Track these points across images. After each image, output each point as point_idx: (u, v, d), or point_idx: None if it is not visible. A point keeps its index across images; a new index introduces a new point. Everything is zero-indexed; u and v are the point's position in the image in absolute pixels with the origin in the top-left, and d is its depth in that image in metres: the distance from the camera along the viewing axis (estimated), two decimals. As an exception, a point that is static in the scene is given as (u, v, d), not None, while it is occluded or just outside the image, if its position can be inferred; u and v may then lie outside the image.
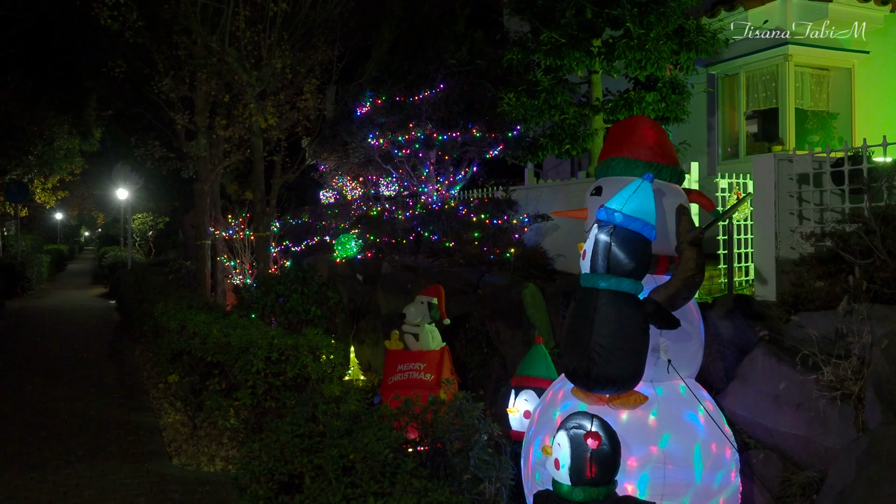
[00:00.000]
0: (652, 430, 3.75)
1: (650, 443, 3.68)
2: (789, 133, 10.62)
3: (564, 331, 3.87)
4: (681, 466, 3.68)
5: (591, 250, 3.75)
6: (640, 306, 3.68)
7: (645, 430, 3.74)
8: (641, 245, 3.72)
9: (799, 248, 5.58)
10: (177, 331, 7.41)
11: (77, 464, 6.28)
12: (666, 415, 3.81)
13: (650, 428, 3.75)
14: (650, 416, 3.78)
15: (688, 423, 3.81)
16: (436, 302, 7.07)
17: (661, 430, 3.75)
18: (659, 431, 3.75)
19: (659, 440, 3.72)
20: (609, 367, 3.60)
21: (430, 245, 10.80)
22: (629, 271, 3.67)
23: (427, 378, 6.80)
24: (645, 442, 3.70)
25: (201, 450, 6.67)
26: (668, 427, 3.81)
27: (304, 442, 3.34)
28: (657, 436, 3.73)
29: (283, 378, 6.17)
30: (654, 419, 3.77)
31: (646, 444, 3.68)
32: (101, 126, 22.94)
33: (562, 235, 8.60)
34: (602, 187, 4.22)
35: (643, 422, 3.76)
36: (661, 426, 3.76)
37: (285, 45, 10.97)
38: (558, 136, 9.12)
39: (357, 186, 16.50)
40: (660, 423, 3.77)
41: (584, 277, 3.77)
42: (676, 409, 3.88)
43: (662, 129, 4.32)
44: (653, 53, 8.25)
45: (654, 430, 3.75)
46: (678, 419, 3.84)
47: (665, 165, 4.14)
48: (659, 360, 3.90)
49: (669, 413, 3.85)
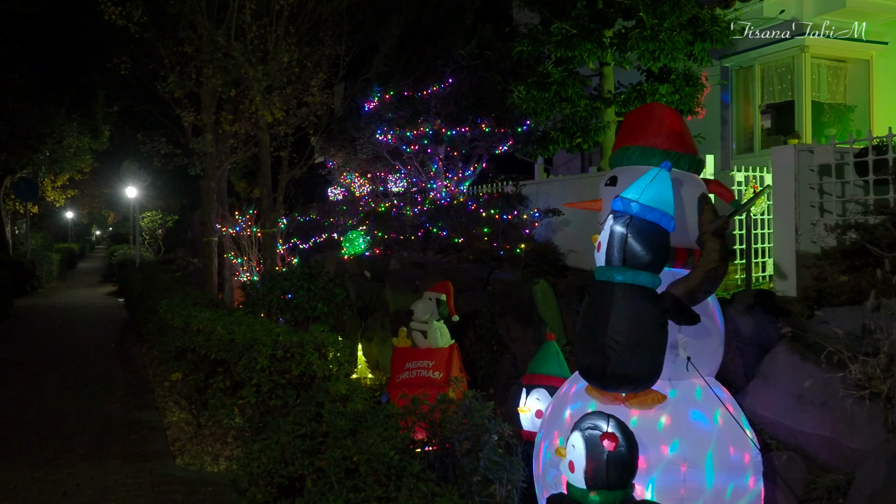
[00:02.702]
0: (663, 432, 3.57)
1: (660, 443, 3.51)
2: (806, 126, 10.38)
3: (578, 327, 3.70)
4: (692, 469, 3.50)
5: (606, 242, 3.58)
6: (658, 301, 3.51)
7: (656, 432, 3.57)
8: (659, 236, 3.54)
9: (820, 242, 5.39)
10: (181, 328, 7.27)
11: (79, 463, 6.16)
12: (679, 417, 3.63)
13: (662, 429, 3.58)
14: (662, 417, 3.61)
15: (702, 426, 3.62)
16: (444, 298, 6.90)
17: (672, 431, 3.58)
18: (671, 433, 3.57)
19: (670, 442, 3.55)
20: (625, 364, 3.43)
21: (438, 241, 10.64)
22: (646, 264, 3.49)
23: (436, 376, 6.64)
24: (655, 443, 3.53)
25: (205, 449, 6.53)
26: (681, 428, 3.64)
27: (306, 443, 3.18)
28: (668, 438, 3.56)
29: (288, 376, 6.01)
30: (665, 420, 3.60)
31: (656, 446, 3.50)
32: (109, 123, 22.91)
33: (573, 231, 8.41)
34: (617, 177, 4.05)
35: (655, 423, 3.59)
36: (672, 428, 3.59)
37: (292, 39, 10.82)
38: (569, 129, 8.93)
39: (365, 183, 16.37)
40: (672, 424, 3.60)
41: (598, 271, 3.60)
42: (690, 411, 3.71)
43: (680, 117, 4.14)
44: (667, 44, 8.05)
45: (666, 431, 3.57)
46: (691, 421, 3.66)
47: (683, 154, 3.97)
48: (678, 357, 3.73)
49: (682, 414, 3.68)
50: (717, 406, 3.75)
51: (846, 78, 11.00)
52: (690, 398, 3.75)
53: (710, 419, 3.72)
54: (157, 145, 13.04)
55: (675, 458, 3.50)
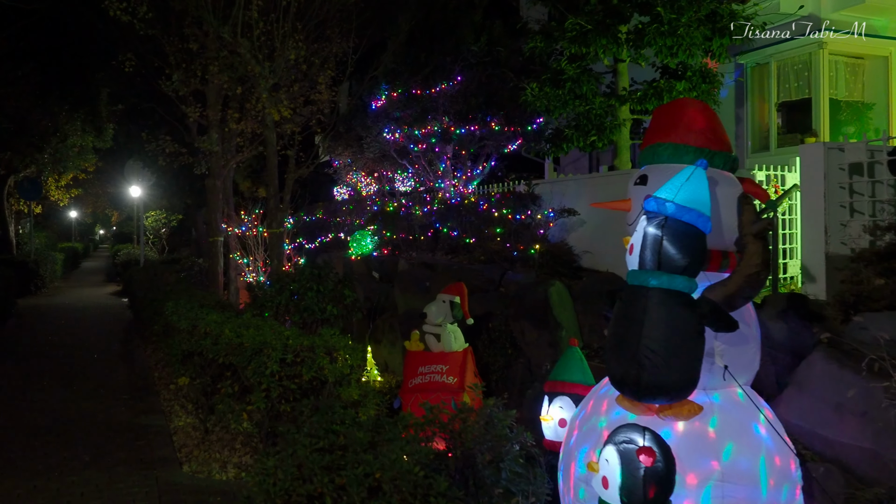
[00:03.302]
0: (712, 443, 3.37)
1: (711, 457, 3.31)
2: (823, 124, 10.18)
3: (610, 334, 3.51)
4: (745, 481, 3.30)
5: (639, 245, 3.38)
6: (694, 307, 3.31)
7: (705, 443, 3.37)
8: (696, 238, 3.34)
9: (851, 243, 5.20)
10: (187, 331, 7.10)
11: (83, 470, 5.98)
12: (727, 425, 3.43)
13: (710, 440, 3.38)
14: (709, 427, 3.41)
15: (752, 434, 3.43)
16: (458, 301, 6.71)
17: (722, 441, 3.38)
18: (720, 443, 3.37)
19: (721, 453, 3.35)
20: (661, 373, 3.23)
21: (448, 241, 10.45)
22: (683, 268, 3.30)
23: (450, 381, 6.45)
24: (705, 456, 3.33)
25: (213, 455, 6.35)
26: (731, 438, 3.43)
27: (325, 458, 3.00)
28: (718, 448, 3.36)
29: (298, 381, 5.83)
30: (713, 430, 3.40)
31: (706, 459, 3.30)
32: (113, 122, 22.76)
33: (588, 231, 8.22)
34: (647, 176, 3.85)
35: (702, 433, 3.39)
36: (722, 437, 3.39)
37: (299, 36, 10.63)
38: (584, 127, 8.73)
39: (372, 182, 16.19)
40: (720, 433, 3.40)
41: (631, 275, 3.40)
42: (738, 418, 3.50)
43: (713, 112, 3.93)
44: (685, 39, 7.85)
45: (715, 442, 3.37)
46: (741, 429, 3.45)
47: (717, 151, 3.75)
48: (714, 365, 3.53)
49: (730, 422, 3.47)
50: (759, 415, 3.55)
51: (864, 75, 10.79)
52: (736, 403, 3.55)
53: (758, 423, 3.52)
54: (162, 144, 12.85)
55: (728, 466, 3.30)
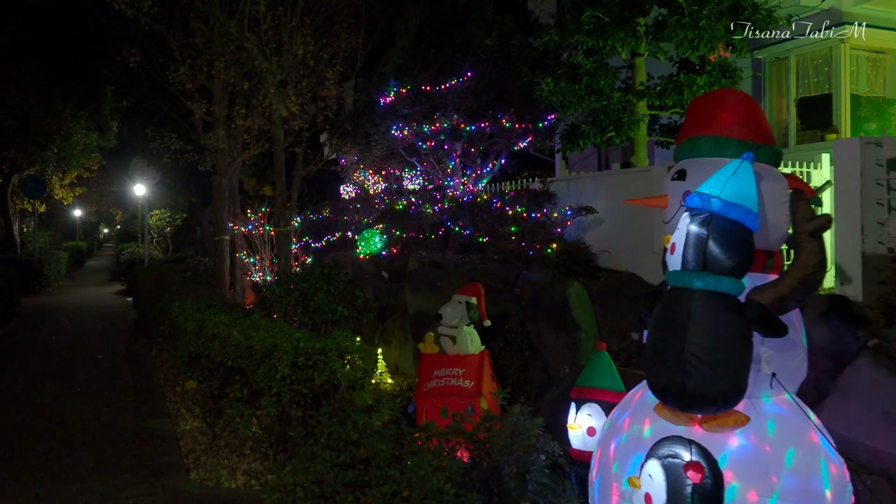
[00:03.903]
0: (769, 456, 3.13)
1: (770, 471, 3.07)
2: (844, 120, 9.93)
3: (649, 339, 3.28)
4: (808, 496, 3.06)
5: (681, 244, 3.15)
6: (742, 310, 3.08)
7: (762, 456, 3.12)
8: (744, 237, 3.11)
9: (889, 242, 4.96)
10: (194, 332, 6.89)
11: (87, 478, 5.76)
12: (782, 435, 3.18)
13: (767, 453, 3.13)
14: (765, 439, 3.16)
15: (808, 444, 3.18)
16: (475, 302, 6.48)
17: (779, 454, 3.13)
18: (778, 456, 3.12)
19: (780, 466, 3.10)
20: (707, 382, 2.99)
21: (459, 240, 10.23)
22: (729, 268, 3.06)
23: (466, 385, 6.23)
24: (764, 470, 3.09)
25: (221, 462, 6.13)
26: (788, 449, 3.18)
27: (347, 474, 2.78)
28: (777, 462, 3.11)
29: (310, 385, 5.62)
30: (769, 442, 3.15)
31: (765, 473, 3.06)
32: (117, 120, 22.58)
33: (606, 230, 7.99)
34: (686, 170, 3.62)
35: (758, 446, 3.15)
36: (778, 449, 3.14)
37: (307, 31, 10.41)
38: (601, 122, 8.49)
39: (379, 180, 15.97)
40: (776, 445, 3.15)
41: (673, 276, 3.17)
42: (792, 428, 3.25)
43: (755, 103, 3.70)
44: (706, 32, 7.60)
45: (771, 454, 3.12)
46: (797, 439, 3.20)
47: (761, 145, 3.52)
48: (760, 372, 3.30)
49: (785, 433, 3.22)
50: (811, 424, 3.31)
51: (886, 70, 10.53)
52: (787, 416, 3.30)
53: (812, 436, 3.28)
54: (168, 141, 12.64)
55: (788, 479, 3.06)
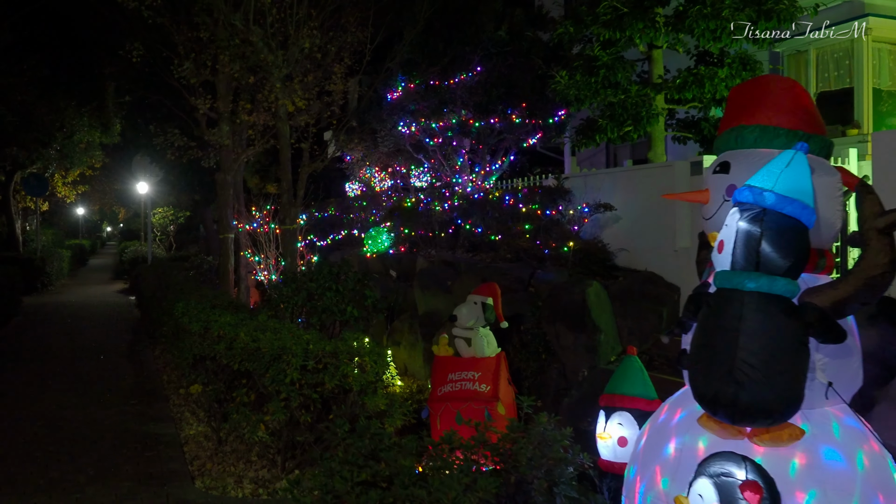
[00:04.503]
0: (797, 476, 2.87)
1: (795, 490, 2.81)
2: (866, 115, 9.66)
3: (694, 346, 3.01)
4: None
5: (730, 242, 2.89)
6: (798, 314, 2.82)
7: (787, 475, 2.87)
8: (799, 234, 2.85)
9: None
10: (199, 333, 6.64)
11: (88, 486, 5.52)
12: (813, 457, 2.92)
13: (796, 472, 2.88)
14: (817, 455, 2.90)
15: (840, 470, 2.90)
16: (491, 302, 6.23)
17: (808, 476, 2.87)
18: (806, 478, 2.86)
19: (807, 491, 2.84)
20: (762, 392, 2.73)
21: (469, 238, 9.98)
22: (784, 269, 2.81)
23: (482, 389, 5.97)
24: (789, 490, 2.83)
25: (227, 469, 5.89)
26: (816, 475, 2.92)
27: (371, 494, 2.53)
28: (804, 484, 2.85)
29: (320, 389, 5.37)
30: (800, 460, 2.90)
31: (790, 494, 2.80)
32: (120, 116, 22.35)
33: (624, 227, 7.72)
34: (729, 162, 3.36)
35: (785, 464, 2.89)
36: (808, 471, 2.88)
37: (314, 23, 10.15)
38: (619, 116, 8.23)
39: (385, 177, 15.73)
40: (806, 466, 2.89)
41: (722, 277, 2.90)
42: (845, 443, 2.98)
43: (804, 90, 3.43)
44: (729, 22, 7.33)
45: (801, 475, 2.87)
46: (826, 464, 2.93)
47: (812, 135, 3.27)
48: (814, 381, 3.04)
49: (816, 455, 2.96)
50: (860, 443, 3.04)
51: (908, 63, 10.25)
52: (828, 432, 3.04)
53: (851, 460, 3.00)
54: (171, 137, 12.37)
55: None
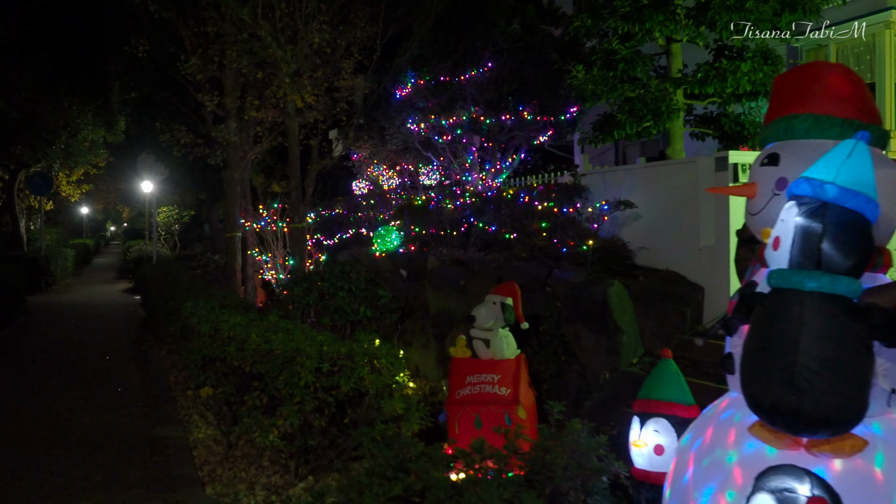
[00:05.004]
0: (879, 487, 2.67)
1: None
2: (889, 111, 9.43)
3: (748, 349, 2.80)
4: None
5: (788, 238, 2.68)
6: (862, 316, 2.62)
7: (870, 487, 2.67)
8: (863, 229, 2.64)
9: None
10: (209, 335, 6.46)
11: (95, 493, 5.34)
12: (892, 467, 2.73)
13: (877, 483, 2.68)
14: (874, 467, 2.70)
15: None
16: (510, 302, 6.01)
17: (891, 484, 2.68)
18: (890, 487, 2.67)
19: (892, 500, 2.65)
20: (826, 400, 2.53)
21: (482, 237, 9.77)
22: (847, 267, 2.60)
23: (502, 392, 5.76)
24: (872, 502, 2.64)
25: (238, 475, 5.69)
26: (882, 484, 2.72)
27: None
28: (889, 494, 2.66)
29: (335, 393, 5.18)
30: (880, 470, 2.70)
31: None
32: (125, 114, 22.19)
33: (644, 225, 7.52)
34: (778, 154, 3.15)
35: (866, 474, 2.69)
36: (891, 480, 2.69)
37: (323, 18, 9.95)
38: (638, 111, 8.01)
39: (393, 176, 15.54)
40: (889, 474, 2.69)
41: (777, 276, 2.69)
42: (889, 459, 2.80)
43: (858, 77, 3.22)
44: (753, 14, 7.12)
45: (884, 485, 2.67)
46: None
47: (868, 124, 3.07)
48: (876, 388, 2.83)
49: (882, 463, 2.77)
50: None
51: (931, 58, 10.01)
52: (892, 442, 2.83)
53: None
54: (177, 134, 12.19)
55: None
